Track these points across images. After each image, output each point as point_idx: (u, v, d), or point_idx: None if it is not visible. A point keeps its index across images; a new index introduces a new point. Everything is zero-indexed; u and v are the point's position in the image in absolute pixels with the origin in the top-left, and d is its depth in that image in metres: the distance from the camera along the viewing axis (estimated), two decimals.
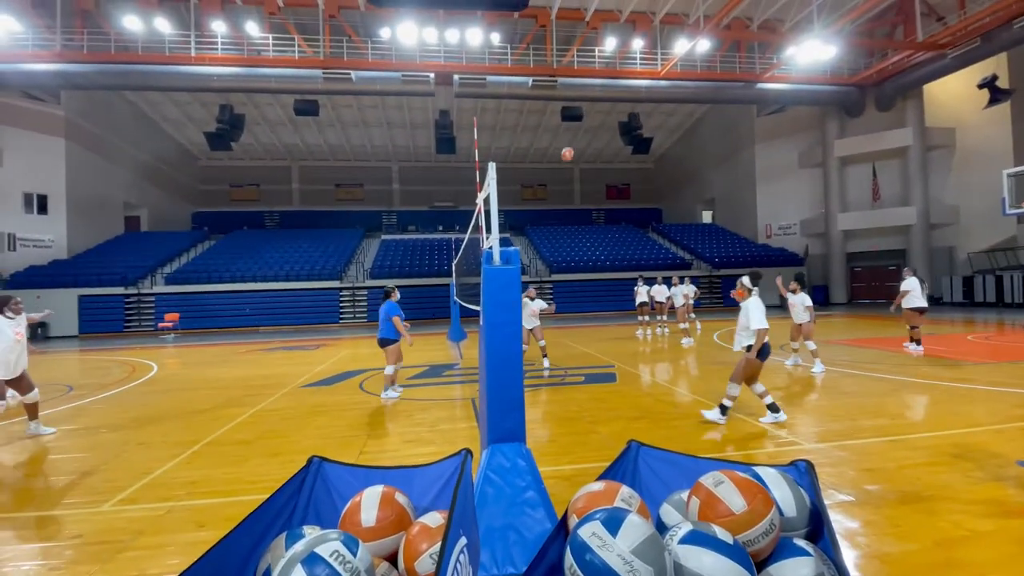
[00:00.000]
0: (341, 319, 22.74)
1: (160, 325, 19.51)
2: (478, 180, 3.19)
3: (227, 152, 27.03)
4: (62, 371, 10.72)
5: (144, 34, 19.37)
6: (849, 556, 2.65)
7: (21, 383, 5.42)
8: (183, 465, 4.35)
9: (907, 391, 6.21)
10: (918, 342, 8.93)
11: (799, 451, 4.17)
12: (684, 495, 1.44)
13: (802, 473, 1.37)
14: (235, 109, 22.40)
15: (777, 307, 20.44)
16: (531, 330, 8.99)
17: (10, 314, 5.38)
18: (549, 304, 9.50)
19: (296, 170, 36.73)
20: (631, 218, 35.65)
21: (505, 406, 2.86)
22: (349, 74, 20.32)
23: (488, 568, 2.28)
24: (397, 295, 7.00)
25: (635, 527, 1.12)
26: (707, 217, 35.05)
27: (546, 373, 8.42)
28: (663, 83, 22.19)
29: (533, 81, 21.47)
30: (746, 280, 4.99)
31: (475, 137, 3.96)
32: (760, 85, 22.60)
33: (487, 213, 3.20)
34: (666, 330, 14.26)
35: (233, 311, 21.70)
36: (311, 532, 1.28)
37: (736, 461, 1.51)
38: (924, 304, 8.76)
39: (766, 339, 4.84)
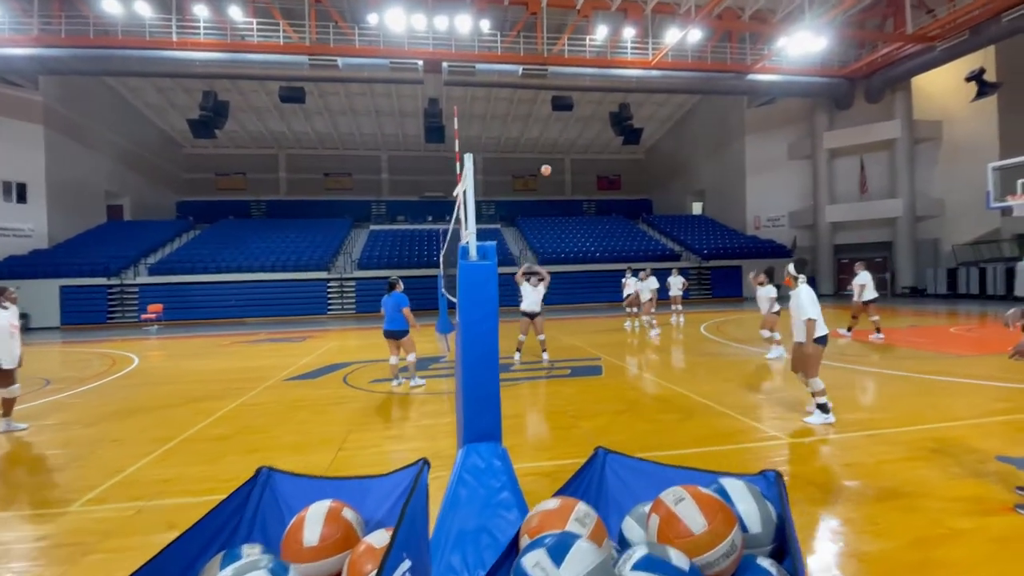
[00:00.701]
0: (329, 310, 22.54)
1: (143, 317, 19.20)
2: (458, 171, 3.10)
3: (212, 140, 26.53)
4: (41, 364, 10.50)
5: (124, 18, 18.81)
6: (827, 555, 2.64)
7: (6, 376, 5.30)
8: (156, 463, 4.26)
9: (888, 384, 6.25)
10: (879, 330, 10.01)
11: (779, 445, 4.17)
12: (647, 508, 1.38)
13: (770, 484, 1.32)
14: (219, 96, 21.94)
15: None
16: (532, 320, 8.68)
17: (6, 304, 5.34)
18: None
19: (283, 158, 36.16)
20: (622, 209, 35.60)
21: (481, 405, 2.79)
22: (336, 60, 19.93)
23: (459, 571, 2.22)
24: (402, 286, 7.10)
25: (583, 554, 1.06)
26: (697, 208, 35.10)
27: (546, 365, 8.40)
28: (654, 73, 22.03)
29: (523, 69, 21.21)
30: (791, 268, 4.85)
31: (455, 127, 3.85)
32: (751, 76, 22.53)
33: (465, 205, 3.11)
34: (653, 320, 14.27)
35: (218, 302, 21.40)
36: (250, 552, 1.21)
37: (705, 469, 1.46)
38: (875, 295, 10.02)
39: (824, 328, 4.70)
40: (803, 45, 18.69)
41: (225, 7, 19.41)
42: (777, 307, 8.41)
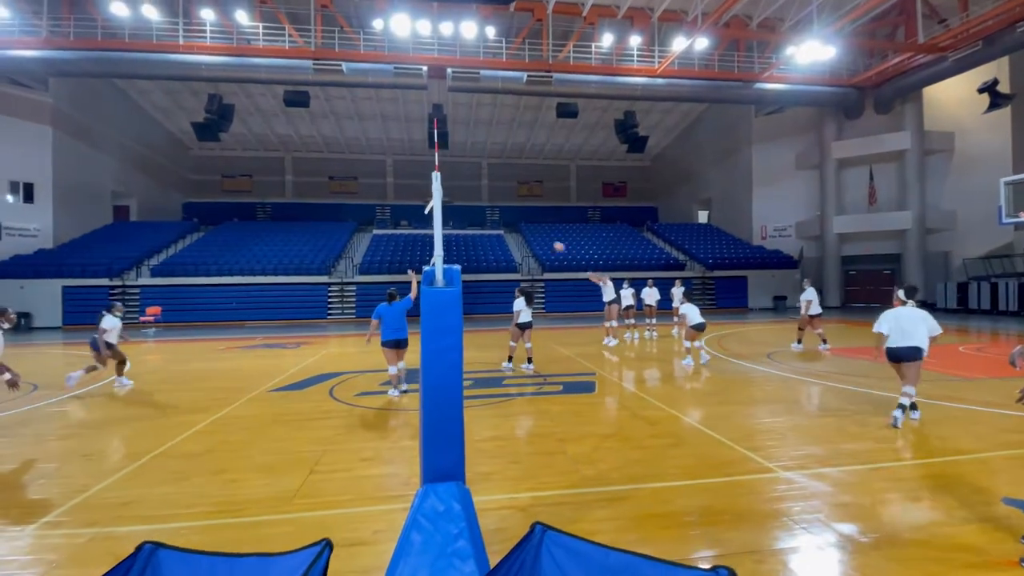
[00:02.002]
0: (329, 315, 22.46)
1: (141, 319, 19.20)
2: (434, 185, 2.93)
3: (219, 142, 26.64)
4: (34, 367, 10.43)
5: (131, 21, 18.93)
6: None
7: None
8: (122, 482, 4.10)
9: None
10: (825, 340, 10.82)
11: (773, 479, 3.94)
12: None
13: None
14: (224, 99, 22.01)
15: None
16: (523, 332, 8.86)
17: (4, 324, 5.70)
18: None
19: (289, 161, 36.31)
20: (627, 217, 35.37)
21: (442, 442, 2.61)
22: (340, 65, 19.93)
23: None
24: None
25: None
26: (703, 217, 34.82)
27: (528, 374, 8.55)
28: (660, 81, 21.86)
29: (528, 76, 21.11)
30: (901, 294, 5.78)
31: (435, 139, 3.69)
32: (758, 85, 22.30)
33: (433, 226, 2.94)
34: (654, 333, 14.03)
35: (218, 305, 21.38)
36: None
37: (653, 558, 1.28)
38: (820, 311, 10.92)
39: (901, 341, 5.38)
40: (812, 54, 18.45)
41: (231, 11, 19.49)
42: (697, 320, 9.08)
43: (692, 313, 9.15)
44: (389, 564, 2.23)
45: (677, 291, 14.45)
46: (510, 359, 9.08)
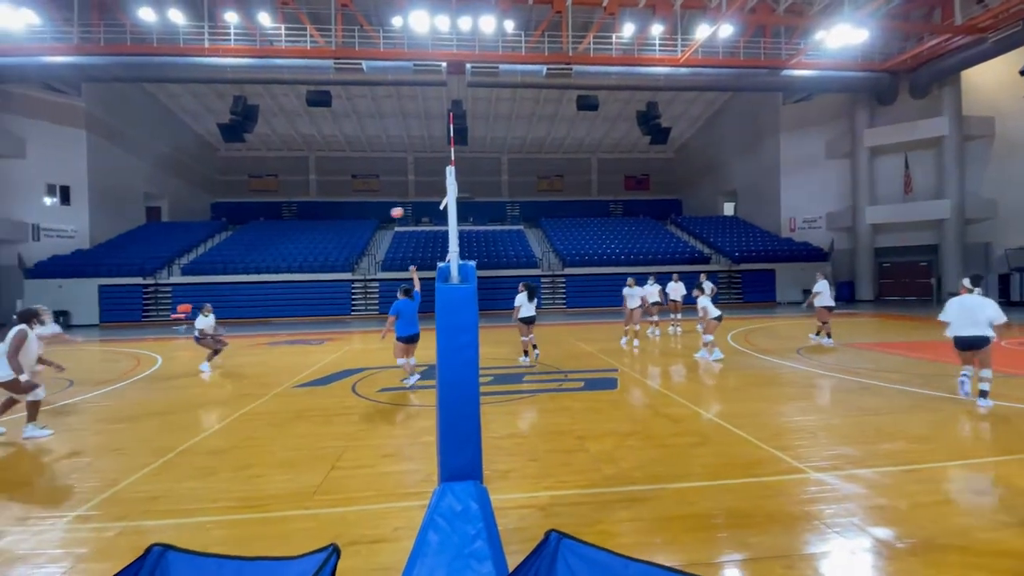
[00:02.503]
0: (353, 311, 22.76)
1: (172, 316, 19.77)
2: (448, 180, 2.89)
3: (245, 143, 27.19)
4: (70, 363, 10.82)
5: (158, 26, 19.42)
6: None
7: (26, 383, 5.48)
8: (150, 476, 4.20)
9: (931, 408, 5.73)
10: (829, 335, 10.60)
11: (803, 480, 3.80)
12: None
13: None
14: (249, 100, 22.40)
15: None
16: (530, 326, 9.21)
17: (36, 324, 5.73)
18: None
19: (313, 160, 36.85)
20: (650, 210, 34.83)
21: (459, 441, 2.57)
22: (360, 64, 20.07)
23: None
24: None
25: None
26: (729, 209, 34.03)
27: (524, 363, 9.14)
28: (683, 70, 21.39)
29: (548, 69, 20.90)
30: (967, 282, 6.02)
31: (451, 134, 3.64)
32: (786, 72, 21.62)
33: (448, 221, 2.89)
34: (679, 329, 13.78)
35: (246, 302, 21.86)
36: None
37: (670, 568, 1.21)
38: (832, 303, 10.82)
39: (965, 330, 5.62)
40: (842, 38, 17.79)
41: (254, 13, 19.81)
42: (716, 312, 8.97)
43: (711, 306, 9.07)
44: (406, 564, 2.20)
45: (707, 285, 14.06)
46: (526, 353, 9.28)
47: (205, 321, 9.54)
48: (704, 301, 9.13)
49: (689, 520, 3.20)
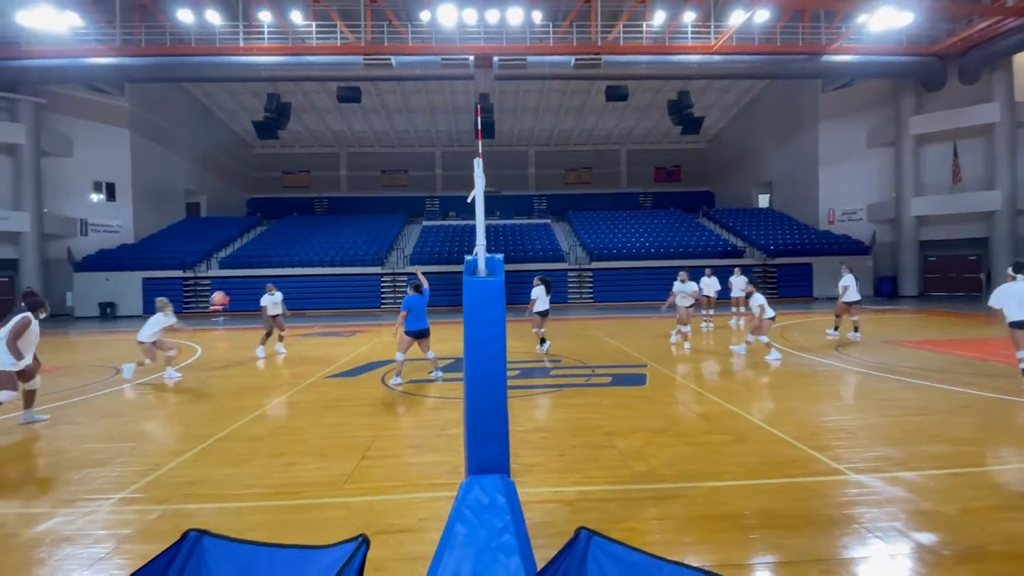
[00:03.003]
0: (382, 304, 23.12)
1: (211, 308, 20.49)
2: (476, 172, 2.87)
3: (278, 140, 27.88)
4: (115, 351, 11.36)
5: (196, 27, 20.02)
6: None
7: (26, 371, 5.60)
8: (189, 462, 4.36)
9: (981, 409, 5.44)
10: (857, 329, 10.62)
11: (842, 482, 3.66)
12: None
13: None
14: (282, 98, 22.90)
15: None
16: (544, 317, 9.50)
17: (41, 314, 5.73)
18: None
19: (344, 156, 37.50)
20: (680, 202, 34.13)
21: (486, 434, 2.57)
22: (389, 59, 20.26)
23: None
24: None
25: None
26: (763, 201, 33.05)
27: (542, 351, 9.45)
28: (716, 58, 20.80)
29: (576, 60, 20.65)
30: (1010, 270, 6.20)
31: (478, 127, 3.62)
32: (826, 57, 20.77)
33: (476, 213, 2.87)
34: (711, 325, 13.47)
35: (282, 295, 22.45)
36: None
37: (707, 571, 1.16)
38: (858, 298, 10.83)
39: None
40: (887, 21, 16.98)
41: (287, 12, 20.19)
42: (771, 312, 8.54)
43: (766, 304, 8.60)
44: (434, 556, 2.21)
45: (737, 280, 13.79)
46: (543, 342, 9.60)
47: (270, 299, 10.29)
48: (760, 299, 8.52)
49: (721, 520, 3.12)
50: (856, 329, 10.57)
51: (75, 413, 6.06)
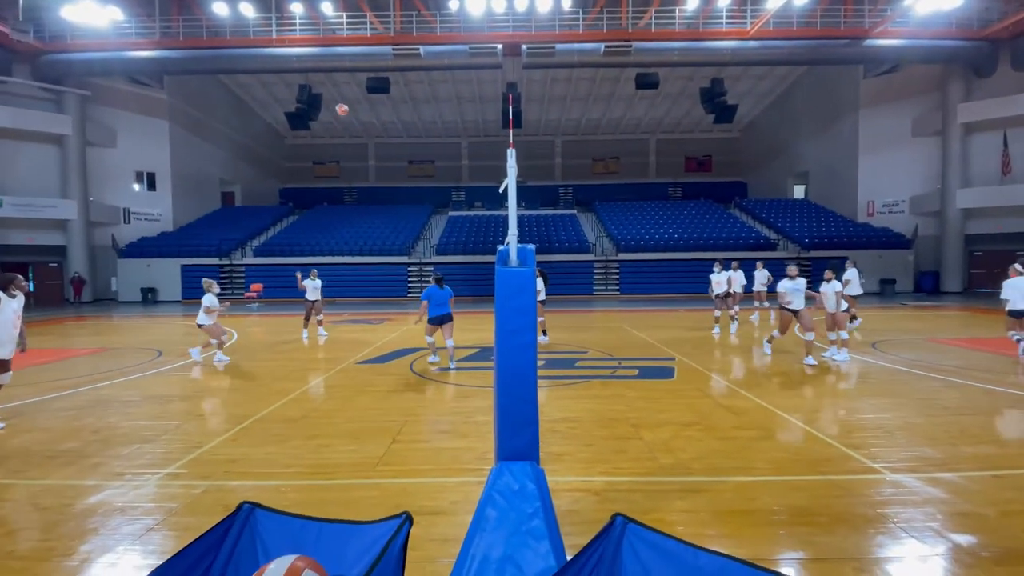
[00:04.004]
0: (409, 293, 23.44)
1: (246, 295, 21.15)
2: (508, 163, 2.88)
3: (309, 131, 28.38)
4: (158, 335, 11.87)
5: (231, 20, 20.46)
6: None
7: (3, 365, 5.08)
8: (229, 441, 4.55)
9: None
10: (855, 318, 11.09)
11: (877, 481, 3.58)
12: None
13: None
14: (313, 89, 23.24)
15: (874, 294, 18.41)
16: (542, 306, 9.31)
17: (15, 292, 5.07)
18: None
19: (372, 147, 37.93)
20: (712, 193, 33.38)
21: (517, 423, 2.61)
22: (418, 49, 20.33)
23: None
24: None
25: None
26: (799, 192, 32.05)
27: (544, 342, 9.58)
28: (752, 44, 20.17)
29: (606, 47, 20.31)
30: (1017, 265, 6.62)
31: (510, 116, 3.63)
32: (869, 42, 19.90)
33: (508, 204, 2.90)
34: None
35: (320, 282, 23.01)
36: None
37: (745, 561, 1.17)
38: (860, 291, 11.13)
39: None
40: (934, 3, 16.13)
41: (318, 3, 20.43)
42: (844, 304, 8.01)
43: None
44: (465, 537, 2.27)
45: (762, 274, 13.29)
46: (544, 332, 9.70)
47: (311, 283, 10.91)
48: (836, 286, 7.79)
49: (750, 515, 3.10)
50: (853, 318, 10.94)
51: (123, 392, 6.38)
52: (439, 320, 7.55)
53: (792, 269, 8.08)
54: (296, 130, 24.99)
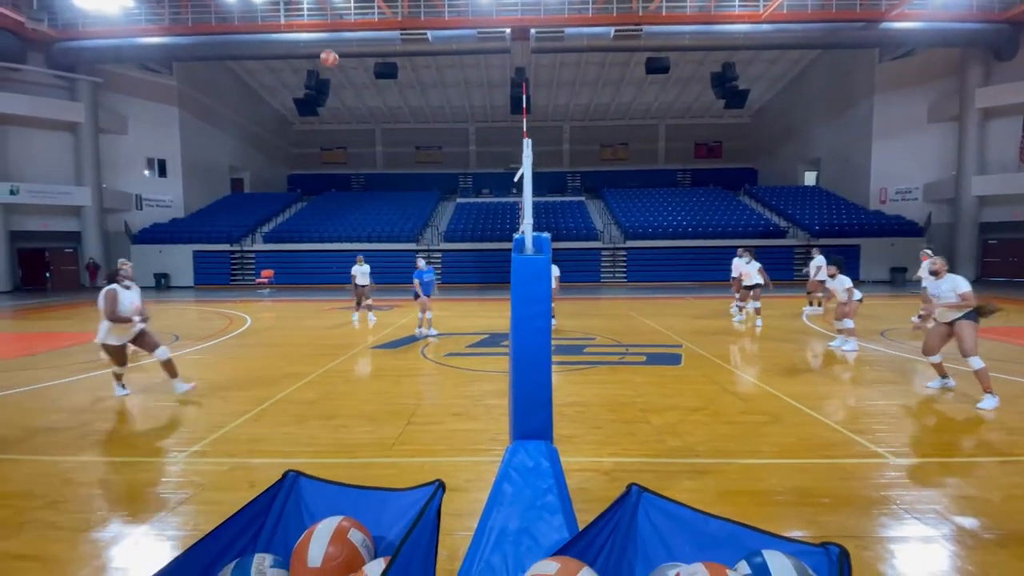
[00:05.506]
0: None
1: (257, 280, 21.39)
2: (524, 152, 2.94)
3: (317, 117, 28.36)
4: (173, 320, 12.10)
5: (239, 5, 20.40)
6: None
7: (145, 341, 5.55)
8: (251, 421, 4.71)
9: None
10: (820, 304, 11.78)
11: (881, 464, 3.66)
12: (672, 572, 1.21)
13: (832, 563, 1.08)
14: (321, 74, 23.20)
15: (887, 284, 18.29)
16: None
17: (127, 284, 5.49)
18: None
19: (379, 133, 37.85)
20: (721, 179, 33.08)
21: (532, 405, 2.71)
22: (426, 34, 20.19)
23: (498, 572, 2.20)
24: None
25: None
26: (810, 179, 31.68)
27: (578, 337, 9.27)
28: (765, 27, 19.83)
29: (616, 31, 20.06)
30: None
31: (523, 104, 3.67)
32: (885, 25, 19.49)
33: (523, 193, 2.96)
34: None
35: (321, 268, 23.22)
36: (259, 564, 1.23)
37: (754, 528, 1.26)
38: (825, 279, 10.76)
39: None
40: None
41: None
42: (859, 295, 7.83)
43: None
44: (483, 511, 2.38)
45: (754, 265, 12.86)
46: (552, 316, 10.11)
47: (358, 269, 11.52)
48: (847, 282, 7.64)
49: (756, 495, 3.20)
50: (818, 304, 11.88)
51: (144, 375, 6.57)
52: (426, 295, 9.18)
53: (830, 268, 8.02)
54: (304, 116, 24.98)
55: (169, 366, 5.60)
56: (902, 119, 23.78)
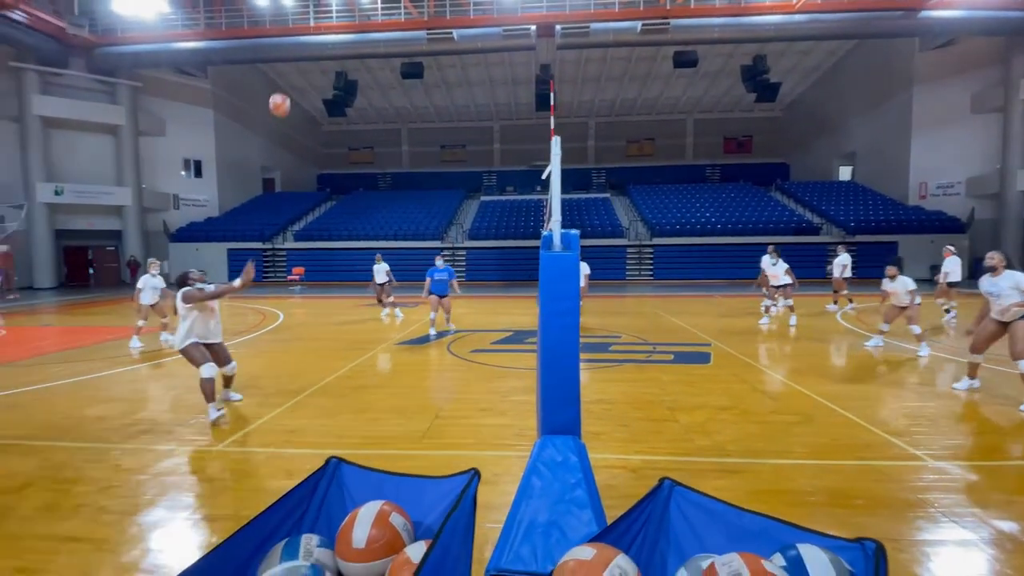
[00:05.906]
0: None
1: (288, 278, 21.94)
2: (553, 150, 2.97)
3: (344, 117, 28.89)
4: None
5: (270, 8, 20.91)
6: None
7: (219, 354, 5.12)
8: (286, 413, 4.87)
9: None
10: (843, 302, 12.08)
11: (919, 467, 3.57)
12: (705, 565, 1.23)
13: (868, 558, 1.07)
14: (349, 75, 23.61)
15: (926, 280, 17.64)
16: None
17: (199, 285, 5.19)
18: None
19: (405, 132, 38.28)
20: (751, 175, 32.33)
21: (560, 401, 2.74)
22: (451, 33, 20.32)
23: (528, 563, 2.24)
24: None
25: None
26: (845, 174, 30.67)
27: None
28: (799, 18, 19.28)
29: (642, 25, 19.81)
30: None
31: (551, 101, 3.70)
32: (925, 13, 18.73)
33: (551, 191, 2.99)
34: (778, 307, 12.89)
35: (349, 266, 23.67)
36: (307, 544, 1.31)
37: (788, 522, 1.26)
38: (850, 275, 12.05)
39: None
40: None
41: None
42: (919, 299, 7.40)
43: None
44: (512, 504, 2.43)
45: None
46: None
47: (378, 268, 11.90)
48: (910, 283, 7.16)
49: (788, 495, 3.16)
50: (837, 302, 12.03)
51: (185, 367, 6.84)
52: (438, 294, 9.26)
53: (891, 269, 7.37)
54: (333, 116, 25.47)
55: (230, 380, 5.32)
56: (943, 111, 22.80)
